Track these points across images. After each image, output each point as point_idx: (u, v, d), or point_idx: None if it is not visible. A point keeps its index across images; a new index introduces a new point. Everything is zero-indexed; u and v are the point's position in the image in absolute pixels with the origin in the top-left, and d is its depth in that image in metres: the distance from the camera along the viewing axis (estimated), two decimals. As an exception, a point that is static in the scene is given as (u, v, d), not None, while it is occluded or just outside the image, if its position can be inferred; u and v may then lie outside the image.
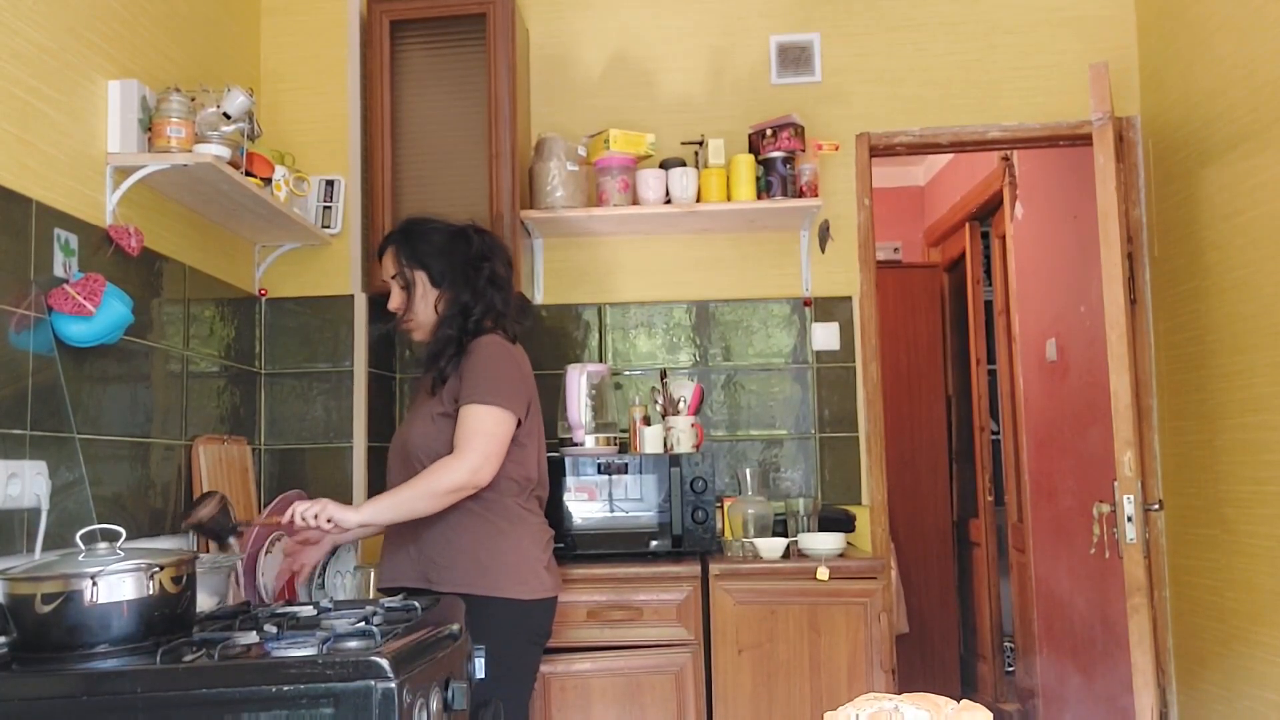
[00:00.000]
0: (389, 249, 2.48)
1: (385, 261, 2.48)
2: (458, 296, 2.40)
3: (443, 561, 2.31)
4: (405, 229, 2.49)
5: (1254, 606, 2.84)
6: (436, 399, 2.37)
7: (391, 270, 2.45)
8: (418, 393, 2.51)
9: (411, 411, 2.50)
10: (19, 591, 1.71)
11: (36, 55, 2.08)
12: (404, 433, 2.43)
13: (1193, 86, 3.11)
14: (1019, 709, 4.94)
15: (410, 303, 2.45)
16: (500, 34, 3.17)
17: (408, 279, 2.44)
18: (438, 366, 2.38)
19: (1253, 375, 2.81)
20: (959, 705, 1.07)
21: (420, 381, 2.50)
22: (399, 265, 2.45)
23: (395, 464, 2.43)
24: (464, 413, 2.29)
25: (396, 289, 2.45)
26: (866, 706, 1.07)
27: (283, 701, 1.60)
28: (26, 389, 1.99)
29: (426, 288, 2.43)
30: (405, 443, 2.40)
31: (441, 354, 2.38)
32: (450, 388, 2.35)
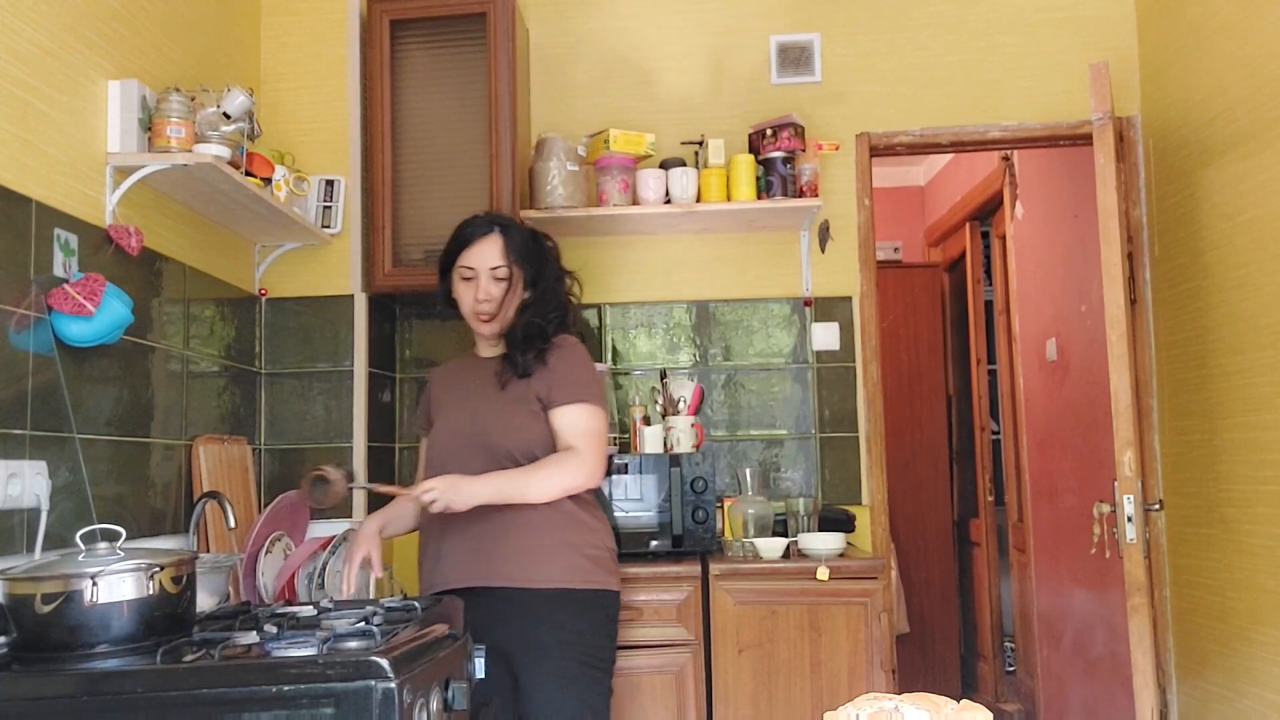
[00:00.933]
0: (495, 237, 2.43)
1: (487, 250, 2.42)
2: (547, 300, 2.43)
3: (536, 558, 2.29)
4: (507, 224, 2.47)
5: (1254, 606, 2.84)
6: (516, 393, 2.36)
7: (496, 261, 2.41)
8: (472, 382, 2.45)
9: (477, 401, 2.42)
10: (19, 591, 1.71)
11: (36, 55, 2.08)
12: (481, 424, 2.37)
13: (1193, 86, 3.11)
14: (1019, 709, 4.94)
15: (505, 297, 2.42)
16: (500, 34, 3.17)
17: (511, 274, 2.42)
18: (519, 360, 2.38)
19: (1253, 375, 2.81)
20: (959, 705, 1.07)
21: (473, 369, 2.47)
22: (507, 258, 2.41)
23: (466, 454, 2.34)
24: (574, 412, 2.35)
25: (492, 280, 2.40)
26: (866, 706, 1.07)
27: (283, 701, 1.60)
28: (26, 389, 1.99)
29: (519, 286, 2.43)
30: (486, 434, 2.35)
31: (527, 349, 2.38)
32: (536, 385, 2.36)
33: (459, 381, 2.51)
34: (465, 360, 2.57)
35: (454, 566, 2.33)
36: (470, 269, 2.41)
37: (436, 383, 2.57)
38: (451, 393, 2.49)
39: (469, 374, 2.49)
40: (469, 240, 2.44)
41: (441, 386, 2.54)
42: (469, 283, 2.42)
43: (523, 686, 2.28)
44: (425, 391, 2.58)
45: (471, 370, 2.50)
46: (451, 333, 3.50)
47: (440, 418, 2.46)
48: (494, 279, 2.40)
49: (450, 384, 2.53)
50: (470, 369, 2.51)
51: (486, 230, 2.44)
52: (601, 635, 2.33)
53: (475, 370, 2.48)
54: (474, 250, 2.42)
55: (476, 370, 2.48)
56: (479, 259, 2.41)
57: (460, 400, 2.45)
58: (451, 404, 2.47)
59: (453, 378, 2.54)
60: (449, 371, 2.58)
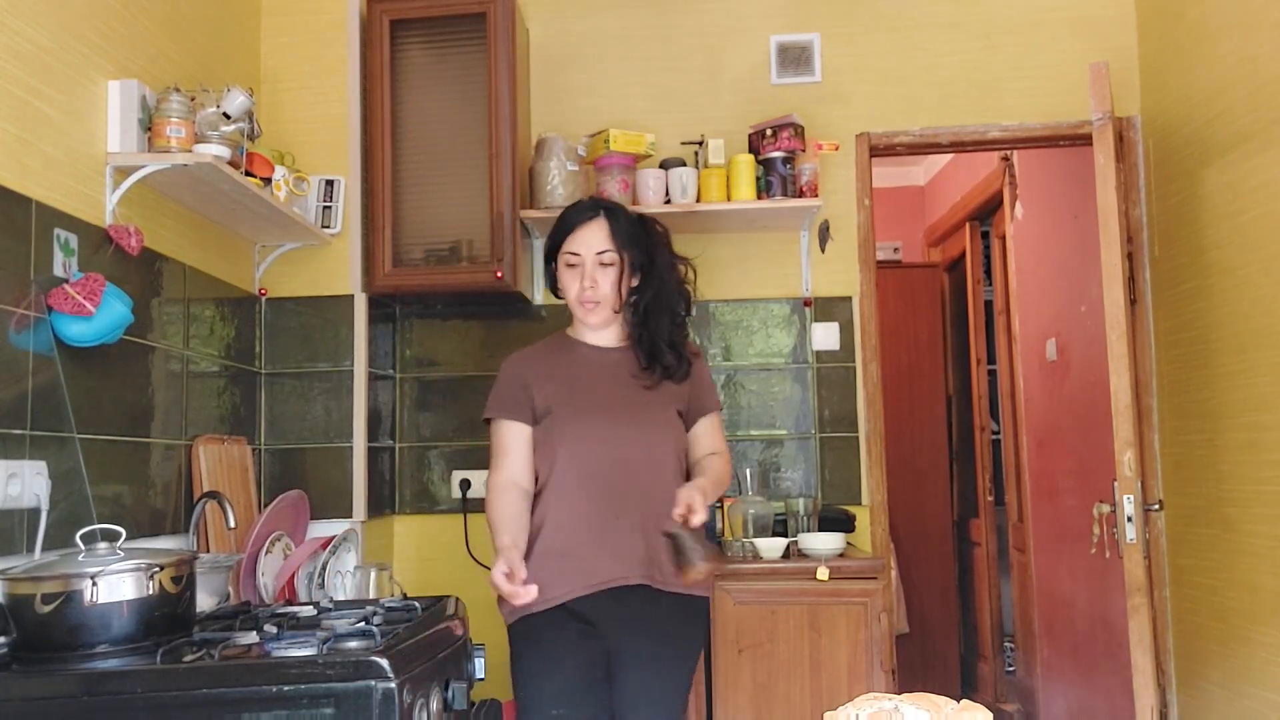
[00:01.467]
0: (600, 221, 2.35)
1: (592, 235, 2.33)
2: (663, 288, 2.36)
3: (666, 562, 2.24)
4: (612, 208, 2.39)
5: (1254, 606, 2.83)
6: (665, 398, 2.34)
7: (602, 245, 2.33)
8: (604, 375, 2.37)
9: (628, 398, 2.34)
10: (19, 591, 1.71)
11: (36, 55, 2.08)
12: (642, 426, 2.31)
13: (1193, 86, 3.11)
14: (1019, 709, 4.94)
15: (614, 285, 2.34)
16: (500, 34, 3.17)
17: (619, 260, 2.34)
18: (675, 365, 2.35)
19: (1253, 375, 2.81)
20: (959, 705, 1.07)
21: (591, 360, 2.38)
22: (613, 242, 2.33)
23: (625, 453, 2.28)
24: (715, 420, 2.45)
25: (598, 266, 2.32)
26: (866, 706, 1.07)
27: (283, 701, 1.60)
28: (26, 389, 1.99)
29: (626, 272, 2.35)
30: (648, 437, 2.30)
31: (679, 353, 2.37)
32: (681, 391, 2.36)
33: (572, 368, 2.39)
34: (568, 345, 2.44)
35: (613, 562, 2.23)
36: (576, 255, 2.34)
37: (530, 366, 2.40)
38: (568, 381, 2.36)
39: (584, 361, 2.39)
40: (573, 226, 2.36)
41: (542, 371, 2.38)
42: (574, 270, 2.34)
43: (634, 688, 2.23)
44: (510, 375, 2.39)
45: (586, 357, 2.40)
46: (452, 333, 3.51)
47: (564, 409, 2.32)
48: (600, 264, 2.33)
49: (556, 369, 2.38)
50: (583, 356, 2.40)
51: (591, 214, 2.36)
52: (699, 645, 2.39)
53: (594, 359, 2.39)
54: (579, 236, 2.34)
55: (596, 359, 2.39)
56: (584, 245, 2.33)
57: (590, 391, 2.34)
58: (579, 394, 2.34)
59: (557, 362, 2.40)
60: (544, 354, 2.44)
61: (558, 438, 2.28)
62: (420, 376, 3.50)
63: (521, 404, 2.34)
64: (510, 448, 2.33)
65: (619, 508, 2.23)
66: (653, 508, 2.22)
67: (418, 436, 3.48)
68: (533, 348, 2.47)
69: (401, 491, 3.46)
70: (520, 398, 2.34)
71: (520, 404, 2.34)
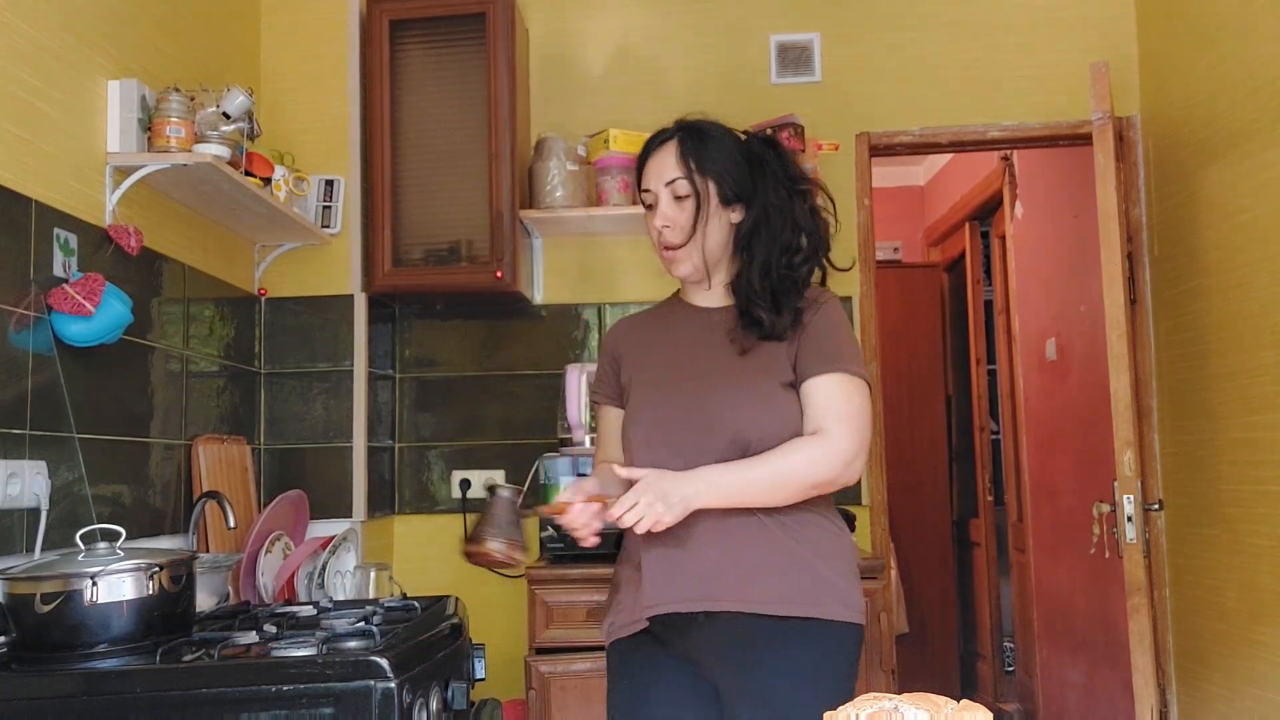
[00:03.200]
0: (671, 145, 1.88)
1: (663, 162, 1.87)
2: (778, 224, 1.85)
3: (767, 576, 1.76)
4: (691, 127, 1.89)
5: (1255, 606, 2.83)
6: (762, 362, 1.81)
7: (672, 173, 1.85)
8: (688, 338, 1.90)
9: (703, 367, 1.84)
10: (19, 591, 1.71)
11: (36, 55, 2.08)
12: (713, 401, 1.80)
13: (1193, 86, 3.11)
14: (1019, 709, 4.94)
15: (694, 222, 1.84)
16: (500, 33, 3.16)
17: (696, 191, 1.84)
18: (768, 318, 1.82)
19: (1253, 375, 2.81)
20: (959, 705, 1.07)
21: (685, 321, 1.93)
22: (685, 168, 1.84)
23: (687, 441, 1.78)
24: (829, 384, 1.78)
25: (671, 201, 1.85)
26: (866, 706, 1.07)
27: (283, 701, 1.60)
28: (26, 389, 1.99)
29: (713, 206, 1.85)
30: (718, 415, 1.78)
31: (780, 304, 1.83)
32: (789, 351, 1.81)
33: (664, 336, 1.94)
34: (669, 308, 2.00)
35: (658, 586, 1.77)
36: (647, 191, 1.89)
37: (626, 336, 2.00)
38: (656, 352, 1.91)
39: (679, 327, 1.92)
40: (645, 155, 1.91)
41: (636, 342, 1.96)
42: (653, 211, 1.89)
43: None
44: (607, 348, 2.03)
45: (682, 322, 1.93)
46: (452, 333, 3.50)
47: (641, 387, 1.88)
48: (673, 198, 1.85)
49: (650, 339, 1.95)
50: (680, 320, 1.94)
51: (665, 137, 1.89)
52: (841, 681, 1.78)
53: (690, 323, 1.92)
54: (650, 167, 1.89)
55: (692, 323, 1.91)
56: (654, 176, 1.88)
57: (674, 363, 1.87)
58: (660, 367, 1.88)
59: (653, 331, 1.97)
60: (645, 322, 2.01)
61: (627, 428, 1.87)
62: (420, 376, 3.50)
63: (613, 383, 1.96)
64: (602, 435, 1.97)
65: (694, 515, 1.73)
66: (738, 511, 1.76)
67: (417, 436, 3.48)
68: (640, 312, 2.08)
69: (401, 491, 3.46)
70: (611, 375, 1.97)
71: (612, 383, 1.97)
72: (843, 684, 1.76)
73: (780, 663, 1.74)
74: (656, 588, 1.77)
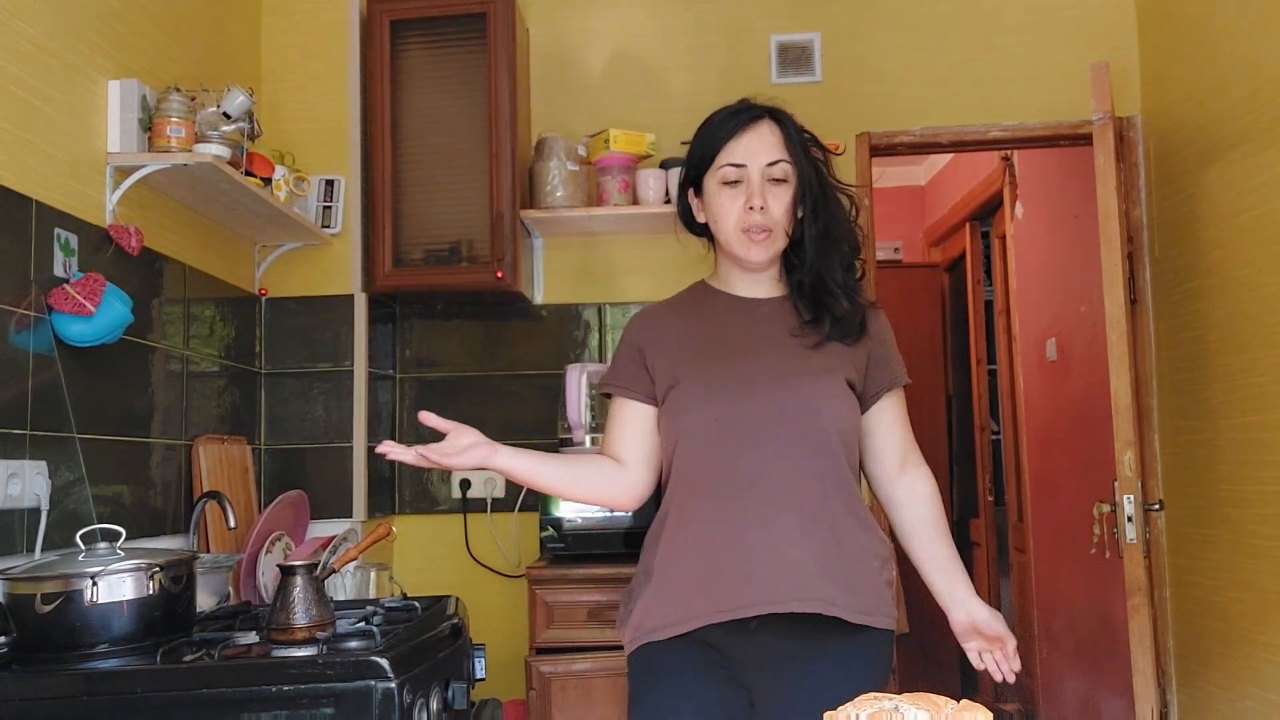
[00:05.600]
0: (771, 126, 1.83)
1: (762, 142, 1.80)
2: (832, 223, 1.82)
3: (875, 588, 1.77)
4: (779, 111, 1.87)
5: (1255, 606, 2.83)
6: (830, 362, 1.77)
7: (774, 154, 1.80)
8: (748, 330, 1.82)
9: (779, 359, 1.78)
10: (19, 591, 1.71)
11: (36, 55, 2.08)
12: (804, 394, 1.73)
13: (1194, 86, 3.11)
14: (1019, 709, 4.94)
15: (792, 208, 1.80)
16: (500, 33, 3.16)
17: (795, 176, 1.80)
18: (850, 318, 1.79)
19: (1254, 375, 2.81)
20: (959, 705, 1.07)
21: (734, 313, 1.85)
22: (789, 152, 1.81)
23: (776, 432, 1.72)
24: (901, 400, 1.84)
25: (769, 183, 1.78)
26: (866, 706, 1.07)
27: (283, 701, 1.60)
28: (26, 389, 1.99)
29: (796, 197, 1.81)
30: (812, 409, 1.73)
31: (854, 303, 1.81)
32: (852, 355, 1.79)
33: (706, 327, 1.85)
34: (707, 298, 1.91)
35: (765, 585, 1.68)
36: (739, 167, 1.79)
37: (656, 327, 1.88)
38: (699, 343, 1.82)
39: (725, 317, 1.84)
40: (734, 131, 1.81)
41: (670, 333, 1.85)
42: (734, 188, 1.79)
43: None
44: (627, 339, 1.90)
45: (727, 312, 1.85)
46: (452, 333, 3.50)
47: (703, 384, 1.77)
48: (771, 181, 1.78)
49: (688, 330, 1.85)
50: (724, 310, 1.85)
51: (757, 116, 1.83)
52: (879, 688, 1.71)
53: (737, 313, 1.84)
54: (742, 143, 1.80)
55: (740, 313, 1.84)
56: (750, 154, 1.79)
57: (744, 361, 1.78)
58: (724, 359, 1.79)
59: (690, 321, 1.86)
60: (678, 312, 1.91)
61: (680, 421, 1.76)
62: (420, 376, 3.50)
63: (635, 375, 1.85)
64: (614, 428, 1.86)
65: (763, 514, 1.69)
66: (810, 513, 1.71)
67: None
68: (665, 302, 1.96)
69: (401, 491, 3.46)
70: (634, 367, 1.85)
71: (634, 375, 1.85)
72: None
73: (825, 672, 1.70)
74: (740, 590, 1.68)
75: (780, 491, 1.70)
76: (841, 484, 1.74)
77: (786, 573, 1.67)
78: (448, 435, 1.76)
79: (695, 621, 1.69)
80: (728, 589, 1.68)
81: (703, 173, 1.83)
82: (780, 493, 1.70)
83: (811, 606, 1.66)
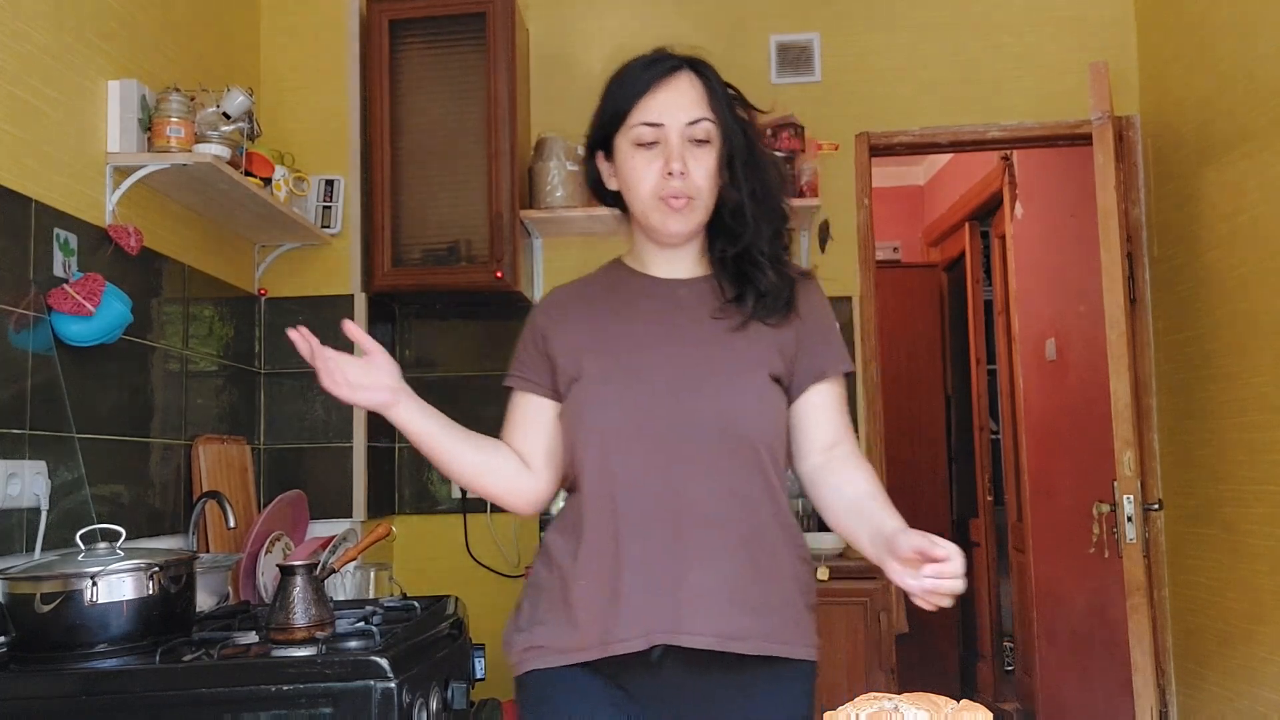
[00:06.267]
0: (691, 79, 1.56)
1: (681, 97, 1.54)
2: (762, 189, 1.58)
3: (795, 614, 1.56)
4: (700, 62, 1.59)
5: (1254, 606, 2.83)
6: (757, 352, 1.53)
7: (696, 113, 1.54)
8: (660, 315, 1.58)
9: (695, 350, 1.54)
10: (19, 591, 1.71)
11: (36, 55, 2.08)
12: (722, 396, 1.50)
13: (1193, 86, 3.11)
14: (1019, 709, 4.94)
15: (716, 173, 1.55)
16: (500, 33, 3.16)
17: (719, 138, 1.55)
18: (770, 288, 1.55)
19: (1253, 375, 2.81)
20: (959, 705, 1.07)
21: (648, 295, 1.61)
22: (712, 110, 1.55)
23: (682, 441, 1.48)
24: (840, 388, 1.59)
25: (689, 144, 1.53)
26: (866, 706, 1.07)
27: (282, 701, 1.60)
28: (26, 389, 1.99)
29: (722, 161, 1.56)
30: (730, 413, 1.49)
31: (782, 278, 1.57)
32: (780, 340, 1.54)
33: (619, 312, 1.61)
34: (616, 278, 1.67)
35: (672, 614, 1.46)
36: (655, 126, 1.53)
37: (562, 311, 1.66)
38: (610, 330, 1.59)
39: (641, 301, 1.60)
40: (649, 84, 1.54)
41: (578, 319, 1.63)
42: (649, 150, 1.54)
43: None
44: (535, 325, 1.68)
45: (642, 295, 1.61)
46: (452, 333, 3.50)
47: (597, 371, 1.55)
48: (692, 142, 1.53)
49: (598, 316, 1.62)
50: (637, 293, 1.62)
51: (676, 67, 1.56)
52: None
53: (653, 296, 1.60)
54: (660, 98, 1.53)
55: (656, 296, 1.60)
56: (668, 111, 1.53)
57: (641, 344, 1.55)
58: (634, 350, 1.55)
59: (601, 306, 1.63)
60: (587, 295, 1.67)
61: (580, 425, 1.54)
62: (420, 376, 3.50)
63: (537, 366, 1.64)
64: (513, 424, 1.67)
65: (666, 533, 1.47)
66: (728, 530, 1.48)
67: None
68: (575, 282, 1.73)
69: (401, 491, 3.46)
70: (536, 357, 1.65)
71: (535, 366, 1.65)
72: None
73: (741, 708, 1.50)
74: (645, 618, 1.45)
75: (688, 507, 1.47)
76: (761, 498, 1.50)
77: (689, 600, 1.45)
78: (364, 359, 1.60)
79: (589, 651, 1.47)
80: (623, 617, 1.45)
81: (613, 132, 1.58)
82: (688, 508, 1.47)
83: (708, 642, 1.44)
